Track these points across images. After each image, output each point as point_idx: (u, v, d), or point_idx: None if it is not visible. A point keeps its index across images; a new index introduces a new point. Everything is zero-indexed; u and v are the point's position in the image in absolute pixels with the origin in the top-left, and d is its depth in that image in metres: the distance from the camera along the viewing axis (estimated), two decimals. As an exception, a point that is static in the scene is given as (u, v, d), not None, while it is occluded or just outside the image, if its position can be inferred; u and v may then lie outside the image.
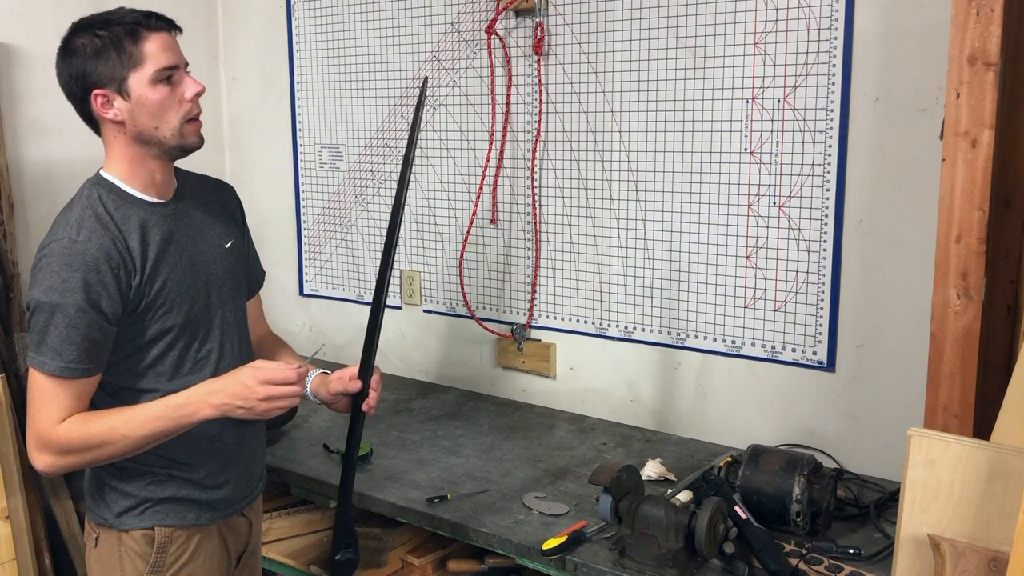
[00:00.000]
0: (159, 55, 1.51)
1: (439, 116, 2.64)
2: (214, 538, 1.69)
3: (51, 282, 1.46)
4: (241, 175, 3.19)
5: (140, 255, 1.54)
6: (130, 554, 1.61)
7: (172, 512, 1.62)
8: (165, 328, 1.57)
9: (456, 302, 2.72)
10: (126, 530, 1.60)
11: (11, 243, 2.51)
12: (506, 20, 2.46)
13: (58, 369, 1.47)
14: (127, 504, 1.60)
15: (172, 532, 1.62)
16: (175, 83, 1.54)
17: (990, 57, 1.44)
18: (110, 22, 1.51)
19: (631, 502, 1.69)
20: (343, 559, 1.80)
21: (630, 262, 2.36)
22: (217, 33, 3.13)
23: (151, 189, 1.59)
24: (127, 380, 1.57)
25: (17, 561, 2.18)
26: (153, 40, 1.51)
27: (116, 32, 1.50)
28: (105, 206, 1.53)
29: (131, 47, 1.50)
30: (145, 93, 1.51)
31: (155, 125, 1.53)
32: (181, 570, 1.63)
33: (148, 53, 1.50)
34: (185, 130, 1.56)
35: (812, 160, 2.06)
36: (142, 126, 1.53)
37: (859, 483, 2.01)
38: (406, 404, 2.61)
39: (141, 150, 1.56)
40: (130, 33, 1.50)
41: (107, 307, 1.49)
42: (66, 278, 1.46)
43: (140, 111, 1.52)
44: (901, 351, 2.00)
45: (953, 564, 1.22)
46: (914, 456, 1.28)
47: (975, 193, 1.48)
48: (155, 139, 1.55)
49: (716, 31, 2.14)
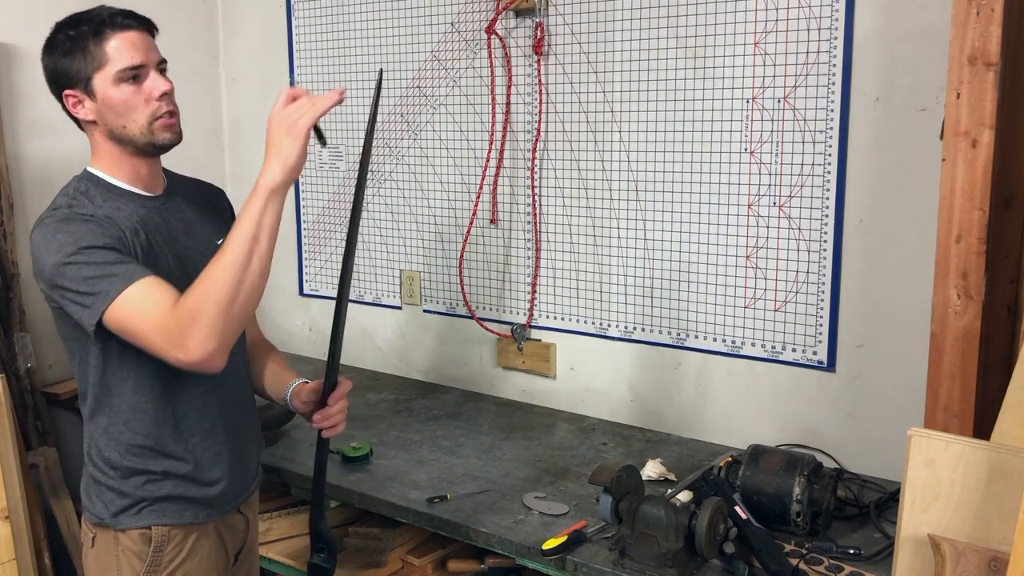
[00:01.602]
0: (122, 55, 1.50)
1: (439, 116, 2.64)
2: (211, 536, 1.68)
3: (59, 241, 1.44)
4: (241, 175, 3.19)
5: (131, 242, 1.52)
6: (127, 553, 1.60)
7: (169, 511, 1.61)
8: None
9: (456, 302, 2.71)
10: (123, 529, 1.60)
11: (11, 243, 2.51)
12: (506, 20, 2.46)
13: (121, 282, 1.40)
14: (123, 503, 1.59)
15: (169, 531, 1.61)
16: (141, 82, 1.53)
17: (990, 57, 1.44)
18: (80, 21, 1.51)
19: (631, 502, 1.69)
20: (316, 562, 1.79)
21: (630, 262, 2.36)
22: (217, 33, 3.13)
23: (138, 183, 1.59)
24: (118, 371, 1.56)
25: (17, 561, 2.18)
26: (117, 39, 1.50)
27: (83, 31, 1.50)
28: (92, 200, 1.53)
29: (94, 47, 1.50)
30: (109, 93, 1.51)
31: (123, 124, 1.53)
32: (178, 569, 1.63)
33: (111, 53, 1.50)
34: (155, 127, 1.54)
35: (812, 160, 2.06)
36: (111, 125, 1.53)
37: (859, 483, 2.01)
38: (406, 404, 2.61)
39: (119, 147, 1.56)
40: (95, 32, 1.50)
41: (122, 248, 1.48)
42: (73, 231, 1.45)
43: (107, 111, 1.52)
44: (901, 351, 2.00)
45: (953, 564, 1.22)
46: (914, 456, 1.28)
47: (975, 193, 1.48)
48: (126, 137, 1.55)
49: (716, 31, 2.14)
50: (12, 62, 2.55)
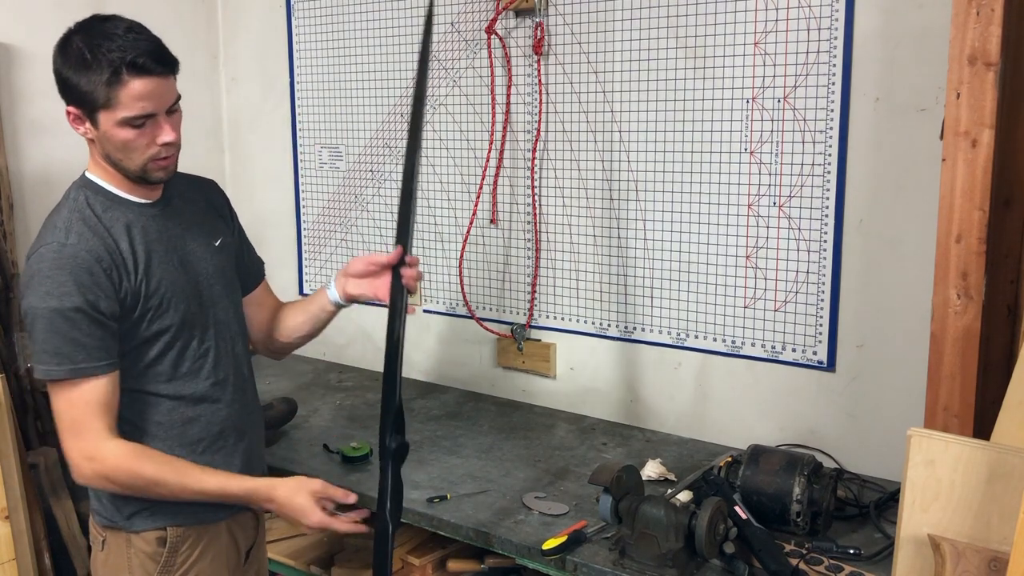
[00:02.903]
0: (133, 104, 1.46)
1: (439, 116, 2.64)
2: (223, 535, 1.70)
3: (46, 287, 1.45)
4: (241, 175, 3.19)
5: (131, 256, 1.53)
6: (140, 555, 1.61)
7: (183, 511, 1.62)
8: (163, 328, 1.57)
9: (456, 302, 2.71)
10: (137, 531, 1.61)
11: (11, 243, 2.51)
12: (506, 20, 2.46)
13: (70, 372, 1.46)
14: (138, 506, 1.60)
15: (184, 531, 1.62)
16: (147, 127, 1.49)
17: (990, 57, 1.44)
18: (100, 47, 1.44)
19: (631, 502, 1.69)
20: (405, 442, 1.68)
21: (630, 262, 2.36)
22: (217, 33, 3.13)
23: (136, 192, 1.58)
24: (124, 382, 1.56)
25: (17, 561, 2.18)
26: (133, 86, 1.45)
27: (100, 63, 1.43)
28: (92, 209, 1.53)
29: (106, 89, 1.44)
30: (111, 131, 1.48)
31: (119, 157, 1.52)
32: (191, 569, 1.64)
33: (122, 99, 1.45)
34: (148, 167, 1.53)
35: (812, 160, 2.06)
36: (108, 151, 1.52)
37: (859, 483, 2.01)
38: (406, 404, 2.59)
39: (113, 167, 1.55)
40: (113, 72, 1.43)
41: (105, 307, 1.48)
42: (61, 281, 1.45)
43: (106, 142, 1.50)
44: (901, 351, 2.00)
45: (953, 564, 1.22)
46: (914, 456, 1.28)
47: (975, 193, 1.48)
48: (120, 166, 1.53)
49: (716, 31, 2.14)
50: (12, 62, 2.55)
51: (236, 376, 1.71)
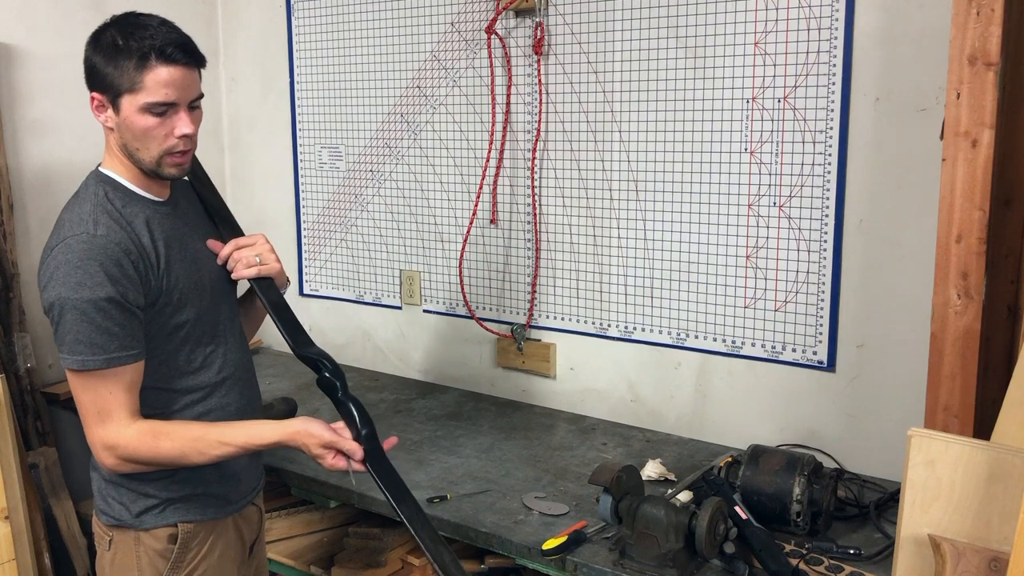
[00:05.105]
0: (157, 89, 1.49)
1: (439, 116, 2.64)
2: (230, 530, 1.71)
3: (77, 277, 1.45)
4: (241, 175, 3.19)
5: (153, 251, 1.55)
6: (149, 553, 1.61)
7: (193, 508, 1.63)
8: (180, 323, 1.59)
9: (456, 302, 2.71)
10: (147, 529, 1.61)
11: (11, 243, 2.51)
12: (506, 20, 2.46)
13: (104, 362, 1.47)
14: (148, 503, 1.61)
15: (195, 527, 1.63)
16: (167, 116, 1.51)
17: (990, 57, 1.44)
18: (133, 32, 1.48)
19: (631, 502, 1.69)
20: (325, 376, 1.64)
21: (630, 262, 2.36)
22: (217, 33, 3.13)
23: (150, 189, 1.60)
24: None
25: (17, 561, 2.18)
26: (159, 72, 1.48)
27: (131, 47, 1.47)
28: (112, 203, 1.54)
29: (134, 71, 1.47)
30: (132, 117, 1.50)
31: (136, 147, 1.53)
32: (200, 564, 1.65)
33: (147, 84, 1.48)
34: (164, 161, 1.55)
35: (812, 160, 2.06)
36: (126, 140, 1.54)
37: (859, 483, 2.01)
38: (406, 404, 2.61)
39: (128, 159, 1.57)
40: (141, 56, 1.47)
41: (133, 298, 1.50)
42: (92, 272, 1.46)
43: (125, 129, 1.52)
44: (901, 351, 2.00)
45: (953, 564, 1.22)
46: (914, 456, 1.28)
47: (975, 193, 1.48)
48: (135, 158, 1.55)
49: (716, 31, 2.14)
50: (12, 62, 2.54)
51: (242, 371, 1.73)
